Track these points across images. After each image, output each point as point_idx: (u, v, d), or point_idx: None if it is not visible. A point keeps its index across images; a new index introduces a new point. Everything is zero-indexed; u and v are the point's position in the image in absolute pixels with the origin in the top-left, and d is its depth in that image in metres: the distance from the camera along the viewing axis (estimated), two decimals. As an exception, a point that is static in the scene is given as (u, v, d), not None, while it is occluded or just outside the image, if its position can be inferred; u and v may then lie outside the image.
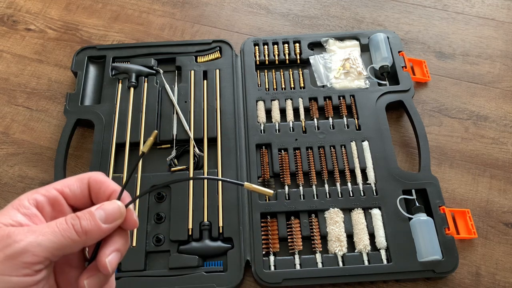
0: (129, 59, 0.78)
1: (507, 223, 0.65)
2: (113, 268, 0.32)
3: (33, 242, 0.28)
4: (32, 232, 0.29)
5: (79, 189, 0.34)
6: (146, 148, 0.35)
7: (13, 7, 0.91)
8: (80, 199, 0.34)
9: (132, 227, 0.34)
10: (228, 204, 0.65)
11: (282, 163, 0.68)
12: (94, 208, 0.32)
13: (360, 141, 0.70)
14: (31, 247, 0.28)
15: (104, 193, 0.34)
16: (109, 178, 0.35)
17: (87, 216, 0.31)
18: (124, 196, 0.34)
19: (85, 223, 0.31)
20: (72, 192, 0.34)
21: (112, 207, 0.33)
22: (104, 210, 0.32)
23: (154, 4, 0.90)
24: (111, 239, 0.33)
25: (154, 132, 0.36)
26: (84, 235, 0.31)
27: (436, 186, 0.65)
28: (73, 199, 0.34)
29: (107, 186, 0.34)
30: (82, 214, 0.31)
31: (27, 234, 0.29)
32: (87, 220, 0.31)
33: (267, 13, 0.89)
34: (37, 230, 0.29)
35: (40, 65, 0.83)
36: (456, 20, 0.86)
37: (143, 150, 0.35)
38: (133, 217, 0.34)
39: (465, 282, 0.61)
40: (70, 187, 0.34)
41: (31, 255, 0.28)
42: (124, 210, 0.33)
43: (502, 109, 0.75)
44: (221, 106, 0.73)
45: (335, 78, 0.76)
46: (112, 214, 0.32)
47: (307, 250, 0.62)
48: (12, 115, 0.77)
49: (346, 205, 0.64)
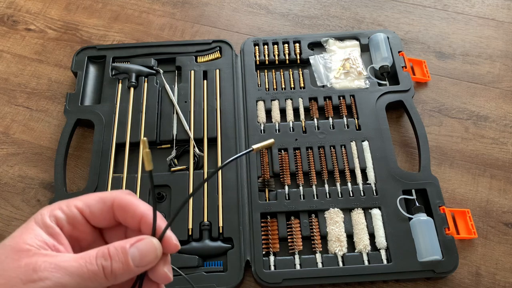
0: (129, 59, 0.78)
1: (507, 223, 0.65)
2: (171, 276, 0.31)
3: (57, 283, 0.27)
4: (58, 269, 0.27)
5: (100, 212, 0.32)
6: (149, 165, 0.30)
7: (13, 7, 0.91)
8: (101, 221, 0.32)
9: (172, 251, 0.32)
10: (228, 204, 0.65)
11: (282, 163, 0.68)
12: (128, 245, 0.29)
13: (360, 141, 0.70)
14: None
15: (132, 218, 0.32)
16: (135, 198, 0.32)
17: (120, 257, 0.29)
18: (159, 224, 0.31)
19: (117, 266, 0.29)
20: (92, 213, 0.32)
21: (147, 247, 0.30)
22: (138, 250, 0.29)
23: (154, 4, 0.90)
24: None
25: (142, 140, 0.31)
26: (113, 278, 0.29)
27: (436, 186, 0.65)
28: (93, 220, 0.32)
29: (134, 210, 0.32)
30: (115, 254, 0.29)
31: (53, 272, 0.27)
32: (119, 263, 0.29)
33: (267, 13, 0.89)
34: (64, 266, 0.28)
35: (40, 65, 0.83)
36: (456, 20, 0.86)
37: (148, 169, 0.30)
38: (173, 242, 0.31)
39: (465, 282, 0.61)
40: (91, 207, 0.32)
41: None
42: (160, 252, 0.31)
43: (502, 109, 0.75)
44: (221, 106, 0.73)
45: (335, 78, 0.76)
46: (146, 256, 0.30)
47: (307, 250, 0.62)
48: (12, 115, 0.77)
49: (346, 205, 0.64)
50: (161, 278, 0.31)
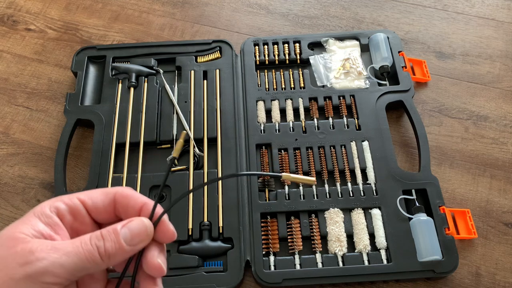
0: (129, 59, 0.78)
1: (507, 223, 0.65)
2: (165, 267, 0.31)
3: (55, 262, 0.27)
4: (55, 250, 0.28)
5: (102, 203, 0.32)
6: (177, 153, 0.31)
7: (13, 7, 0.91)
8: (102, 213, 0.33)
9: (168, 240, 0.32)
10: (228, 204, 0.65)
11: (282, 163, 0.68)
12: (120, 226, 0.30)
13: (360, 141, 0.70)
14: (53, 267, 0.27)
15: (133, 208, 0.32)
16: (137, 192, 0.33)
17: (112, 236, 0.30)
18: (157, 211, 0.32)
19: (109, 245, 0.29)
20: (94, 204, 0.32)
21: (138, 227, 0.31)
22: (129, 229, 0.30)
23: (154, 4, 0.90)
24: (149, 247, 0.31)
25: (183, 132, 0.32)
26: (107, 258, 0.29)
27: (436, 186, 0.65)
28: (94, 212, 0.32)
29: (135, 200, 0.32)
30: (107, 234, 0.30)
31: (50, 252, 0.27)
32: (111, 242, 0.29)
33: (267, 13, 0.89)
34: (61, 248, 0.28)
35: (40, 65, 0.83)
36: (456, 20, 0.86)
37: (173, 155, 0.31)
38: (169, 229, 0.32)
39: (465, 282, 0.61)
40: (93, 199, 0.32)
41: (52, 275, 0.27)
42: (151, 231, 0.31)
43: (502, 109, 0.75)
44: (221, 106, 0.73)
45: (335, 78, 0.76)
46: (138, 235, 0.30)
47: (307, 250, 0.62)
48: (12, 115, 0.77)
49: (346, 205, 0.64)
50: (154, 268, 0.31)
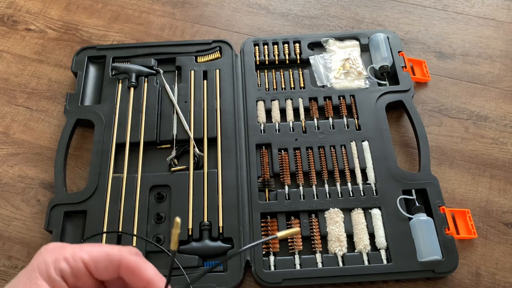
0: (129, 59, 0.78)
1: (507, 223, 0.65)
2: None
3: None
4: None
5: (105, 269, 0.32)
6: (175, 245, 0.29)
7: (13, 7, 0.91)
8: (105, 276, 0.33)
9: None
10: (228, 204, 0.65)
11: (282, 163, 0.68)
12: None
13: (360, 141, 0.70)
14: None
15: (139, 281, 0.32)
16: (143, 260, 0.33)
17: None
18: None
19: None
20: (98, 269, 0.32)
21: None
22: None
23: (154, 4, 0.90)
24: None
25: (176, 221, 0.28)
26: None
27: (436, 186, 0.65)
28: (97, 275, 0.32)
29: (141, 274, 0.32)
30: None
31: None
32: None
33: (267, 13, 0.89)
34: None
35: (40, 65, 0.83)
36: (456, 20, 0.86)
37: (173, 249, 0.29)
38: None
39: (465, 282, 0.61)
40: (98, 264, 0.32)
41: None
42: None
43: (502, 109, 0.75)
44: (221, 106, 0.73)
45: (335, 78, 0.76)
46: None
47: (307, 250, 0.62)
48: (12, 115, 0.77)
49: (346, 205, 0.64)
50: None
